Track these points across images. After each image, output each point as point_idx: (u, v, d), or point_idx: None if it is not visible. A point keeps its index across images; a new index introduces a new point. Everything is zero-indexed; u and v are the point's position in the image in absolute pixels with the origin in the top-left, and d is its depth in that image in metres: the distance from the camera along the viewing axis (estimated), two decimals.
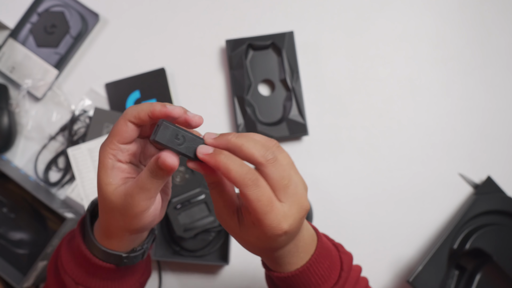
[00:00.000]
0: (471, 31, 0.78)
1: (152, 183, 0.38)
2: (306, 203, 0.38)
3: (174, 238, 0.74)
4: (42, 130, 0.78)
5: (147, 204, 0.39)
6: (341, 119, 0.77)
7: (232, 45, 0.75)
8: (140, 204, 0.38)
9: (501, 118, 0.77)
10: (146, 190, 0.38)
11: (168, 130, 0.36)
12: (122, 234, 0.43)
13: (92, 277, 0.45)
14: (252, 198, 0.35)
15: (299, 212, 0.37)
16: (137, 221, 0.40)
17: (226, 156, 0.35)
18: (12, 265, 0.73)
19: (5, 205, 0.75)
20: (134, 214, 0.39)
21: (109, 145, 0.39)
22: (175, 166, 0.36)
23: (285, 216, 0.36)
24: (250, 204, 0.35)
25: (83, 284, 0.46)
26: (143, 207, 0.39)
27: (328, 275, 0.43)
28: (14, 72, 0.78)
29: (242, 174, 0.35)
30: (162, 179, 0.38)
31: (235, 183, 0.35)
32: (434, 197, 0.76)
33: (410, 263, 0.75)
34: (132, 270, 0.48)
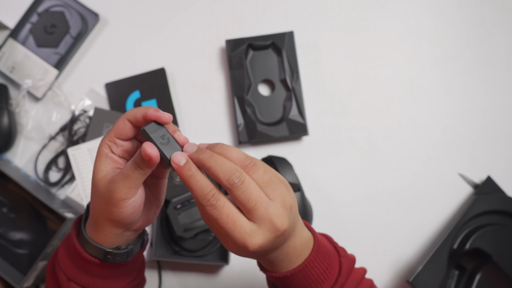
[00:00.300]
0: (471, 31, 0.78)
1: (134, 173, 0.41)
2: (281, 223, 0.38)
3: (174, 238, 0.74)
4: (42, 130, 0.78)
5: (126, 192, 0.41)
6: (341, 119, 0.77)
7: (232, 45, 0.75)
8: (120, 190, 0.41)
9: (501, 118, 0.77)
10: (128, 178, 0.41)
11: (157, 128, 0.41)
12: (105, 225, 0.44)
13: (83, 274, 0.47)
14: (212, 217, 0.38)
15: (270, 232, 0.38)
16: (116, 209, 0.42)
17: (193, 174, 0.38)
18: (12, 265, 0.73)
19: (5, 205, 0.75)
20: (114, 201, 0.42)
21: (107, 137, 0.43)
22: (154, 157, 0.39)
23: (251, 235, 0.38)
24: (214, 222, 0.38)
25: (74, 280, 0.47)
26: (122, 194, 0.41)
27: (323, 279, 0.44)
28: (14, 72, 0.78)
29: (202, 194, 0.38)
30: (144, 170, 0.41)
31: (196, 201, 0.38)
32: (434, 197, 0.76)
33: (410, 263, 0.75)
34: (123, 272, 0.49)
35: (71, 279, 0.47)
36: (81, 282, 0.47)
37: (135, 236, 0.48)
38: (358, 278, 0.47)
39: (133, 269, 0.51)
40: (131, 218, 0.44)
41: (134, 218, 0.44)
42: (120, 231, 0.46)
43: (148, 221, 0.48)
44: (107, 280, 0.48)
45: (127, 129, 0.42)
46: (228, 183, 0.37)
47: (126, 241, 0.47)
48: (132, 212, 0.43)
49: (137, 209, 0.44)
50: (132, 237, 0.48)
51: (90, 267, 0.47)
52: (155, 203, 0.48)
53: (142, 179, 0.42)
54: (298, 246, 0.43)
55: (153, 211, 0.48)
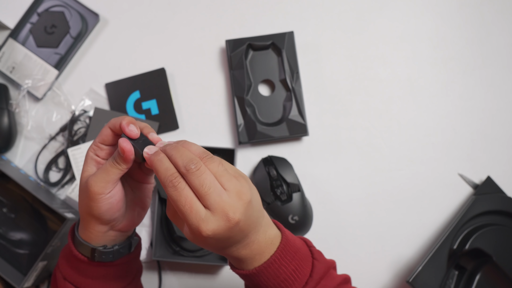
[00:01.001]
0: (471, 31, 0.78)
1: (111, 167, 0.44)
2: (233, 213, 0.39)
3: (174, 238, 0.74)
4: (42, 130, 0.78)
5: (102, 187, 0.44)
6: (341, 120, 0.77)
7: (232, 45, 0.75)
8: (97, 184, 0.44)
9: (501, 118, 0.77)
10: (104, 172, 0.45)
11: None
12: (89, 221, 0.47)
13: (76, 273, 0.50)
14: (172, 198, 0.40)
15: (224, 221, 0.39)
16: (94, 204, 0.45)
17: (160, 159, 0.41)
18: (12, 265, 0.73)
19: (5, 205, 0.75)
20: (91, 195, 0.45)
21: (94, 143, 0.47)
22: (128, 150, 0.43)
23: (205, 221, 0.39)
24: (174, 204, 0.40)
25: (69, 279, 0.50)
26: (98, 188, 0.44)
27: (292, 279, 0.44)
28: (14, 72, 0.78)
29: (166, 175, 0.40)
30: (120, 165, 0.44)
31: (160, 181, 0.41)
32: (433, 197, 0.76)
33: (409, 263, 0.75)
34: (114, 275, 0.51)
35: (66, 279, 0.50)
36: (74, 281, 0.50)
37: (122, 238, 0.51)
38: (333, 283, 0.47)
39: (125, 273, 0.52)
40: (109, 214, 0.46)
41: (113, 215, 0.47)
42: (104, 228, 0.48)
43: (132, 223, 0.50)
44: (99, 281, 0.50)
45: (109, 135, 0.47)
46: (185, 169, 0.40)
47: (113, 241, 0.50)
48: (109, 208, 0.46)
49: (114, 206, 0.46)
50: (119, 238, 0.50)
51: (81, 266, 0.49)
52: (139, 206, 0.51)
53: (118, 174, 0.45)
54: (262, 243, 0.44)
55: (137, 213, 0.51)
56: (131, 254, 0.52)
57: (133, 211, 0.50)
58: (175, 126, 0.77)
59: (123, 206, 0.48)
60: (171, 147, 0.42)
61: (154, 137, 0.46)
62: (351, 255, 0.76)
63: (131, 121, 0.45)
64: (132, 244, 0.51)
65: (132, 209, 0.50)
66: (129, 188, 0.50)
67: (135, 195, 0.50)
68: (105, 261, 0.49)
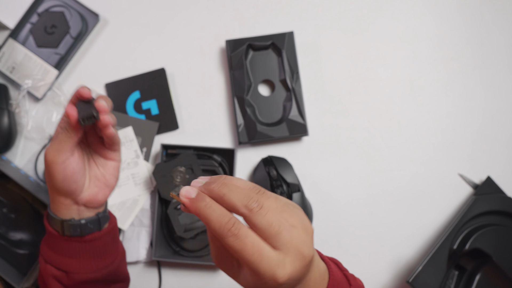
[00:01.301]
0: (471, 31, 0.78)
1: (60, 134, 0.47)
2: (308, 249, 0.35)
3: (174, 238, 0.74)
4: (42, 130, 0.78)
5: (55, 155, 0.47)
6: (341, 120, 0.77)
7: (232, 45, 0.75)
8: (50, 153, 0.47)
9: (501, 119, 0.77)
10: (56, 140, 0.47)
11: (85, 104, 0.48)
12: (52, 193, 0.50)
13: (54, 253, 0.52)
14: (236, 249, 0.33)
15: (299, 260, 0.34)
16: (49, 173, 0.48)
17: (207, 205, 0.34)
18: (12, 265, 0.73)
19: (5, 205, 0.75)
20: (46, 164, 0.48)
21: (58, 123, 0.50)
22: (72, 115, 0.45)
23: (280, 265, 0.34)
24: (236, 254, 0.34)
25: (49, 261, 0.52)
26: (51, 156, 0.47)
27: None
28: (14, 72, 0.78)
29: (221, 224, 0.34)
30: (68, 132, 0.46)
31: (215, 233, 0.34)
32: (433, 198, 0.76)
33: (409, 264, 0.75)
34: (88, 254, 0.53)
35: (47, 261, 0.53)
36: (53, 261, 0.52)
37: (90, 214, 0.53)
38: None
39: (101, 253, 0.54)
40: (65, 185, 0.49)
41: (69, 186, 0.49)
42: (66, 201, 0.50)
43: (95, 198, 0.52)
44: (75, 260, 0.52)
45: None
46: (247, 209, 0.34)
47: (79, 215, 0.52)
48: (63, 178, 0.48)
49: (68, 177, 0.48)
50: (85, 213, 0.52)
51: (56, 243, 0.52)
52: (103, 181, 0.53)
53: (68, 142, 0.47)
54: (317, 279, 0.39)
55: (100, 188, 0.52)
56: (101, 231, 0.53)
57: (96, 187, 0.52)
58: (175, 126, 0.77)
59: (80, 179, 0.50)
60: (218, 186, 0.35)
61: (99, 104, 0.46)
62: (351, 255, 0.76)
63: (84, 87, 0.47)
64: (100, 220, 0.53)
65: (96, 185, 0.52)
66: (94, 164, 0.53)
67: (99, 171, 0.53)
68: (73, 235, 0.51)
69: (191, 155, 0.72)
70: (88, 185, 0.52)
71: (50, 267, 0.52)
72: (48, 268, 0.52)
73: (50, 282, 0.52)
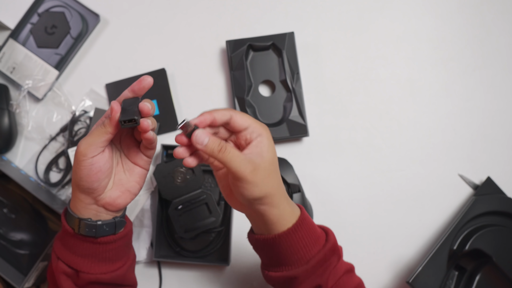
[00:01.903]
0: (471, 31, 0.78)
1: (96, 129, 0.48)
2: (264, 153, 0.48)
3: (175, 238, 0.74)
4: (43, 130, 0.78)
5: (87, 148, 0.48)
6: (341, 120, 0.77)
7: (232, 45, 0.75)
8: (82, 145, 0.48)
9: (501, 119, 0.77)
10: (91, 134, 0.48)
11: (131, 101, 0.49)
12: (74, 190, 0.51)
13: (68, 251, 0.52)
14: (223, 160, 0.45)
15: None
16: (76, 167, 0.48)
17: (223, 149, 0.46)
18: (13, 265, 0.73)
19: (5, 206, 0.75)
20: (76, 156, 0.48)
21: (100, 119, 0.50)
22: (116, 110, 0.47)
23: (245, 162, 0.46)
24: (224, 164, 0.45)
25: (62, 258, 0.52)
26: (83, 148, 0.48)
27: (308, 248, 0.50)
28: (14, 73, 0.78)
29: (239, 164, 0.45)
30: (105, 127, 0.48)
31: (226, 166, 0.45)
32: (433, 198, 0.76)
33: (409, 264, 0.75)
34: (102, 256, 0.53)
35: (59, 258, 0.53)
36: (65, 259, 0.52)
37: (107, 216, 0.52)
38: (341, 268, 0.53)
39: (113, 256, 0.54)
40: (87, 182, 0.49)
41: (91, 183, 0.49)
42: (87, 200, 0.50)
43: (115, 202, 0.52)
44: (87, 260, 0.52)
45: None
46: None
47: (97, 217, 0.52)
48: (87, 174, 0.48)
49: (92, 174, 0.48)
50: (103, 215, 0.52)
51: (71, 241, 0.52)
52: (126, 187, 0.52)
53: (102, 137, 0.48)
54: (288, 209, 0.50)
55: (122, 193, 0.52)
56: (116, 235, 0.53)
57: (119, 191, 0.52)
58: (175, 126, 0.77)
59: (103, 179, 0.50)
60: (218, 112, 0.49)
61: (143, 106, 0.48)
62: (351, 255, 0.75)
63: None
64: (116, 224, 0.53)
65: (119, 189, 0.52)
66: (121, 168, 0.53)
67: (125, 176, 0.53)
68: (88, 235, 0.51)
69: None
70: (110, 187, 0.52)
71: (61, 264, 0.52)
72: (59, 264, 0.52)
73: (61, 278, 0.52)
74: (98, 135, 0.48)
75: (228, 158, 0.45)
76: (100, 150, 0.48)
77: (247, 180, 0.45)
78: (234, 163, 0.45)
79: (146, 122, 0.47)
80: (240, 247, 0.75)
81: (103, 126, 0.48)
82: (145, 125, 0.47)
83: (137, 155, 0.52)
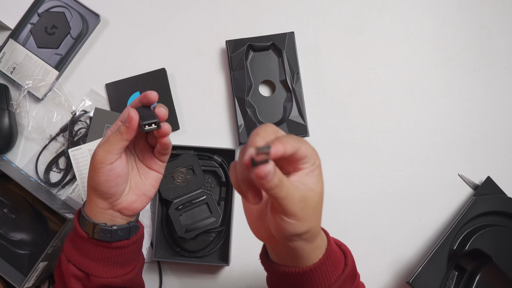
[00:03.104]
0: (471, 32, 0.78)
1: (113, 137, 0.48)
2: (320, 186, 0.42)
3: (175, 238, 0.74)
4: (43, 130, 0.78)
5: (104, 156, 0.47)
6: (341, 120, 0.77)
7: (232, 45, 0.75)
8: (99, 152, 0.48)
9: (501, 119, 0.77)
10: (107, 141, 0.48)
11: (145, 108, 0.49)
12: (90, 194, 0.50)
13: (78, 254, 0.52)
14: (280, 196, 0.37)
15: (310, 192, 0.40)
16: (93, 173, 0.48)
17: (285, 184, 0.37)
18: (13, 265, 0.74)
19: (5, 206, 0.75)
20: (93, 163, 0.48)
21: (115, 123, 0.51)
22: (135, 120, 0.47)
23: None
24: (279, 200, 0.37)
25: (72, 261, 0.52)
26: (100, 156, 0.48)
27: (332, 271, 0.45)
28: (14, 73, 0.78)
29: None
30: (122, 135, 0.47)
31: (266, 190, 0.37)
32: (433, 198, 0.76)
33: (409, 264, 0.75)
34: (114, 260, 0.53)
35: (70, 260, 0.52)
36: (76, 262, 0.52)
37: (122, 221, 0.53)
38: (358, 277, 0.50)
39: (125, 261, 0.54)
40: (106, 187, 0.49)
41: (109, 188, 0.49)
42: (103, 204, 0.50)
43: (132, 207, 0.52)
44: (99, 264, 0.52)
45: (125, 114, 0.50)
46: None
47: (112, 221, 0.52)
48: (106, 180, 0.48)
49: (111, 179, 0.49)
50: (119, 220, 0.52)
51: (83, 245, 0.51)
52: (142, 191, 0.53)
53: (119, 145, 0.48)
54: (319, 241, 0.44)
55: (138, 197, 0.52)
56: (129, 239, 0.53)
57: (135, 195, 0.52)
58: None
59: (121, 184, 0.50)
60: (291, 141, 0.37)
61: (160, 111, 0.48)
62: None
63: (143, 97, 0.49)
64: (131, 229, 0.53)
65: (135, 193, 0.52)
66: (137, 172, 0.53)
67: (141, 180, 0.53)
68: (103, 239, 0.51)
69: (192, 156, 0.72)
70: (127, 192, 0.52)
71: (72, 267, 0.52)
72: (70, 267, 0.52)
73: (71, 281, 0.52)
74: (115, 142, 0.48)
75: (283, 194, 0.36)
76: (117, 156, 0.49)
77: (296, 217, 0.38)
78: (288, 200, 0.37)
79: (167, 125, 0.48)
80: (240, 247, 0.75)
81: (119, 134, 0.48)
82: (165, 128, 0.48)
83: (152, 159, 0.53)
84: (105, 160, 0.48)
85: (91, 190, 0.50)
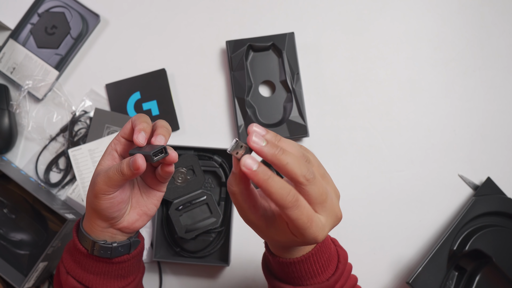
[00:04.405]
0: (471, 32, 0.78)
1: (115, 175, 0.45)
2: (340, 212, 0.40)
3: (175, 239, 0.74)
4: (43, 131, 0.78)
5: (104, 189, 0.46)
6: (341, 120, 0.77)
7: (232, 46, 0.75)
8: (100, 185, 0.46)
9: (501, 119, 0.77)
10: (108, 177, 0.45)
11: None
12: (91, 214, 0.49)
13: (78, 267, 0.51)
14: (293, 217, 0.37)
15: (334, 222, 0.40)
16: (95, 200, 0.47)
17: (270, 177, 0.36)
18: (13, 266, 0.74)
19: (5, 206, 0.75)
20: (94, 192, 0.46)
21: (116, 136, 0.49)
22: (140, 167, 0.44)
23: (323, 228, 0.38)
24: (291, 222, 0.37)
25: (71, 273, 0.51)
26: (100, 189, 0.46)
27: (327, 265, 0.46)
28: (14, 73, 0.78)
29: (283, 196, 0.36)
30: (123, 175, 0.45)
31: (275, 203, 0.36)
32: (433, 198, 0.76)
33: (409, 264, 0.75)
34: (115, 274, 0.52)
35: (69, 273, 0.51)
36: (76, 275, 0.51)
37: (122, 237, 0.51)
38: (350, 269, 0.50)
39: (126, 273, 0.53)
40: (108, 212, 0.48)
41: (112, 213, 0.48)
42: (104, 224, 0.49)
43: (133, 225, 0.51)
44: (99, 277, 0.51)
45: (130, 130, 0.48)
46: (305, 178, 0.37)
47: (112, 238, 0.50)
48: (108, 207, 0.47)
49: (114, 206, 0.47)
50: (119, 236, 0.51)
51: (83, 260, 0.51)
52: (144, 210, 0.51)
53: (122, 182, 0.46)
54: None
55: (140, 216, 0.51)
56: (130, 254, 0.52)
57: (136, 214, 0.51)
58: (176, 127, 0.77)
59: (124, 208, 0.49)
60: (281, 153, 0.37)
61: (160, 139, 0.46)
62: (351, 255, 0.75)
63: (144, 129, 0.46)
64: (131, 245, 0.52)
65: (136, 212, 0.51)
66: (138, 192, 0.51)
67: (143, 199, 0.51)
68: (103, 256, 0.50)
69: (192, 156, 0.72)
70: (128, 212, 0.51)
71: (71, 279, 0.51)
72: (69, 279, 0.51)
73: None
74: (116, 180, 0.45)
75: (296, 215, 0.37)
76: (118, 188, 0.47)
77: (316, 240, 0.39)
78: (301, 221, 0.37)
79: (174, 152, 0.46)
80: (240, 247, 0.75)
81: (121, 174, 0.45)
82: (173, 155, 0.46)
83: (153, 179, 0.51)
84: (106, 191, 0.46)
85: (91, 210, 0.49)
